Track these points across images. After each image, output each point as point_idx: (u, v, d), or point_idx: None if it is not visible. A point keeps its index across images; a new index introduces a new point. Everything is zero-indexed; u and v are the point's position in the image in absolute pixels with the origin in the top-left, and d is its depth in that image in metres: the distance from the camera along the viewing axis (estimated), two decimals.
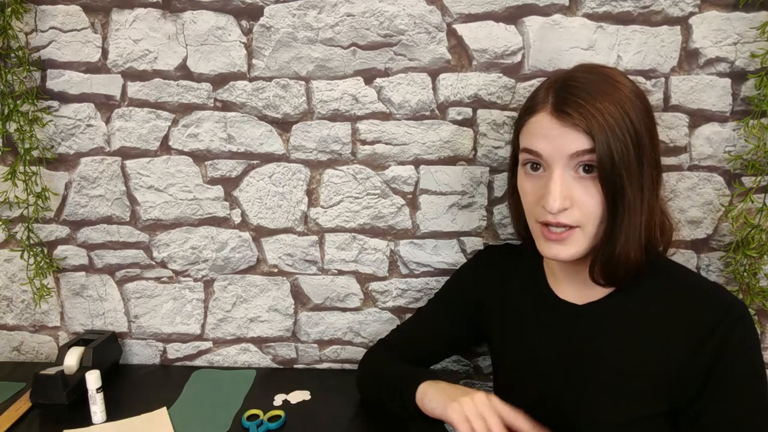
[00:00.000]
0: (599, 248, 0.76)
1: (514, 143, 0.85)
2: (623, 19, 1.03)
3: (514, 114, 1.09)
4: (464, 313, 1.01)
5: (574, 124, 0.71)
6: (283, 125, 1.13)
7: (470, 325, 1.01)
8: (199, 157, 1.16)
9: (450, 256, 1.18)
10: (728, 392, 0.71)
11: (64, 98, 1.14)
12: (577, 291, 0.84)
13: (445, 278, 1.19)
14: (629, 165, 0.71)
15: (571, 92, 0.73)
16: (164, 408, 1.07)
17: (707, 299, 0.75)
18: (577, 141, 0.72)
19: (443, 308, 1.05)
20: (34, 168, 1.15)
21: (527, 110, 0.80)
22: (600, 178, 0.72)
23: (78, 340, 1.20)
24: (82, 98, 1.14)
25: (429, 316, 1.06)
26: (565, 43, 1.05)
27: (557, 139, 0.73)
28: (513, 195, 0.89)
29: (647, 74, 1.05)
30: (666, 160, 1.07)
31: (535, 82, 1.07)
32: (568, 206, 0.73)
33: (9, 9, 1.06)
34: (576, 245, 0.75)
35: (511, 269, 0.96)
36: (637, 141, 0.72)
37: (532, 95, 0.81)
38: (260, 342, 1.26)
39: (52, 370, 1.09)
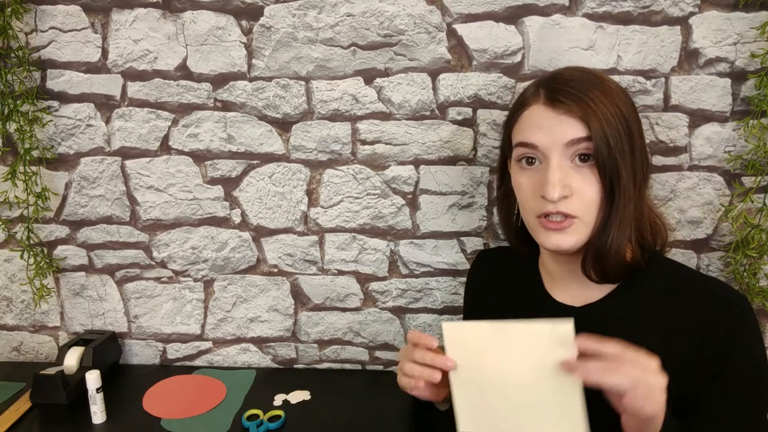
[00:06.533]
0: (592, 240, 0.76)
1: (504, 145, 0.85)
2: (623, 19, 1.03)
3: None
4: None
5: (569, 111, 0.72)
6: (283, 125, 1.13)
7: None
8: (199, 157, 1.16)
9: (450, 256, 1.18)
10: (734, 382, 0.72)
11: (64, 98, 1.14)
12: (574, 293, 0.83)
13: (446, 278, 1.19)
14: (623, 152, 0.73)
15: (562, 84, 0.75)
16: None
17: (706, 294, 0.75)
18: (572, 129, 0.72)
19: None
20: (34, 168, 1.15)
21: (517, 107, 0.80)
22: (597, 165, 0.72)
23: (78, 340, 1.20)
24: (82, 98, 1.14)
25: None
26: (565, 43, 1.05)
27: (553, 128, 0.73)
28: (503, 201, 0.89)
29: (647, 74, 1.05)
30: (666, 160, 1.07)
31: None
32: (568, 194, 0.73)
33: (9, 9, 1.06)
34: (576, 234, 0.75)
35: (506, 272, 0.94)
36: (628, 130, 0.74)
37: (521, 94, 0.81)
38: (260, 342, 1.26)
39: (52, 370, 1.09)
